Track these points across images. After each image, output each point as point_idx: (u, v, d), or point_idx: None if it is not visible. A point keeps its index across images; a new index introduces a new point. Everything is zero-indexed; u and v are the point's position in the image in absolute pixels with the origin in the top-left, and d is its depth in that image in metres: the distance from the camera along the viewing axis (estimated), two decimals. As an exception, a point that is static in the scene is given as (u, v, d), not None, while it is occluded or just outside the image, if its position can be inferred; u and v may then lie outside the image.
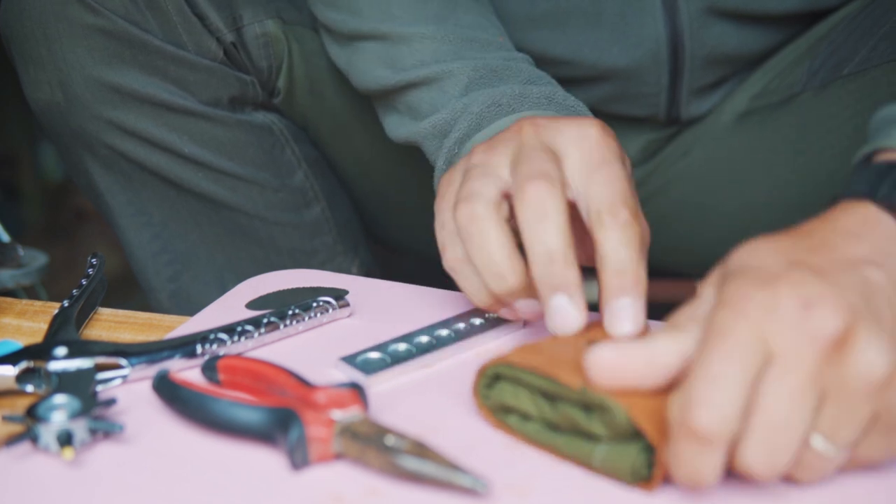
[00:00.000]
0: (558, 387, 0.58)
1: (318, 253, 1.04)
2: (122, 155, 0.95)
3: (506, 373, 0.61)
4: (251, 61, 0.96)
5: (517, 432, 0.61)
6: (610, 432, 0.56)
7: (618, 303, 0.63)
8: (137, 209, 0.99)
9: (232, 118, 0.96)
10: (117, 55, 0.91)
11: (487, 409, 0.62)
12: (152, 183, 0.97)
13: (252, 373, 0.65)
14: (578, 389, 0.56)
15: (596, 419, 0.56)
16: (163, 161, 0.96)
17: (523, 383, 0.60)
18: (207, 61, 0.94)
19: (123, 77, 0.91)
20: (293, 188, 1.01)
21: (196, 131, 0.95)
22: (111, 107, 0.92)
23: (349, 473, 0.58)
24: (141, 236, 1.00)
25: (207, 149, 0.96)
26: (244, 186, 0.99)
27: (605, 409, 0.56)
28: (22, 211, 2.37)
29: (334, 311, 0.75)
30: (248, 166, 0.98)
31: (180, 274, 1.02)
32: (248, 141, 0.98)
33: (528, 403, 0.60)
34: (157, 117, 0.94)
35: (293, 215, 1.02)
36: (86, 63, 0.90)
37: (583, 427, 0.57)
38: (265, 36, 0.96)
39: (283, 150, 1.00)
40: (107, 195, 0.98)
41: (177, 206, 0.99)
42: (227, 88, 0.95)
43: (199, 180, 0.97)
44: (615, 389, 0.55)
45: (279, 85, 0.99)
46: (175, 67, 0.93)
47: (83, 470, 0.59)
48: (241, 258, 1.02)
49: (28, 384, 0.67)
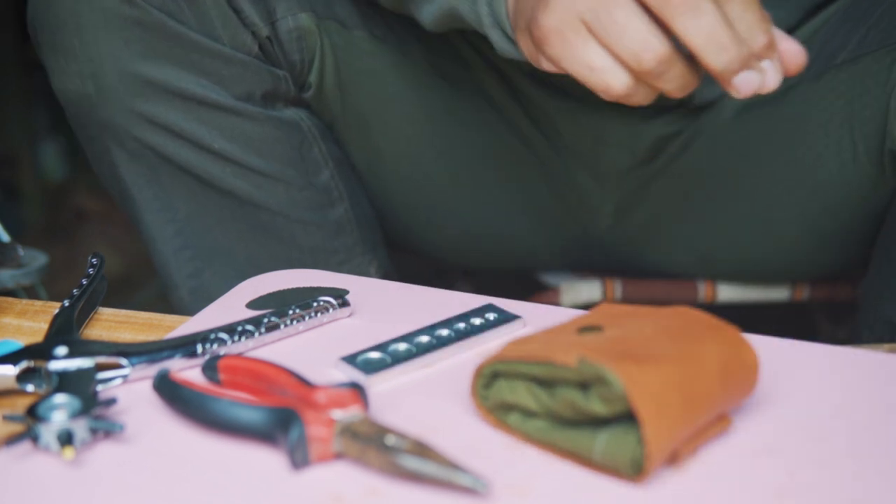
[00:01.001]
0: (554, 368, 0.58)
1: (337, 253, 1.04)
2: (151, 148, 0.94)
3: (502, 369, 0.61)
4: (284, 55, 0.96)
5: (517, 431, 0.61)
6: (609, 408, 0.56)
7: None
8: (163, 204, 0.98)
9: (263, 114, 0.96)
10: (152, 48, 0.90)
11: (486, 410, 0.62)
12: (179, 177, 0.97)
13: (252, 373, 0.65)
14: (575, 363, 0.57)
15: (594, 397, 0.57)
16: (191, 155, 0.95)
17: (520, 375, 0.60)
18: (242, 55, 0.93)
19: (157, 70, 0.90)
20: (319, 187, 1.01)
21: (226, 126, 0.95)
22: (143, 100, 0.91)
23: (349, 473, 0.58)
24: (165, 232, 0.99)
25: (237, 144, 0.96)
26: (270, 183, 0.98)
27: (603, 380, 0.56)
28: (22, 211, 2.37)
29: (334, 311, 0.75)
30: (276, 163, 0.98)
31: (202, 271, 1.01)
32: (277, 137, 0.97)
33: (526, 396, 0.60)
34: (188, 111, 0.93)
35: (317, 214, 1.02)
36: (120, 55, 0.89)
37: (582, 408, 0.57)
38: (298, 30, 0.95)
39: (311, 148, 1.00)
40: (132, 189, 0.98)
41: (202, 202, 0.98)
42: (260, 83, 0.95)
43: (227, 176, 0.97)
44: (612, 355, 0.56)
45: (310, 79, 0.99)
46: (210, 61, 0.92)
47: (83, 470, 0.59)
48: (261, 256, 1.01)
49: (28, 384, 0.67)
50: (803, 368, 0.68)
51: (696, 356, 0.59)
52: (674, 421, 0.56)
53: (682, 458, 0.58)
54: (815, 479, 0.57)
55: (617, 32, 0.68)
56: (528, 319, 0.74)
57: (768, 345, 0.67)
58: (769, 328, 0.74)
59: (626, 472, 0.56)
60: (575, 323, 0.64)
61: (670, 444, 0.57)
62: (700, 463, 0.59)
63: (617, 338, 0.61)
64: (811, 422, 0.62)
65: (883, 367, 0.69)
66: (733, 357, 0.61)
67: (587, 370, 0.57)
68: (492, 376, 0.62)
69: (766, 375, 0.63)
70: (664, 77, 0.70)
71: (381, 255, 1.08)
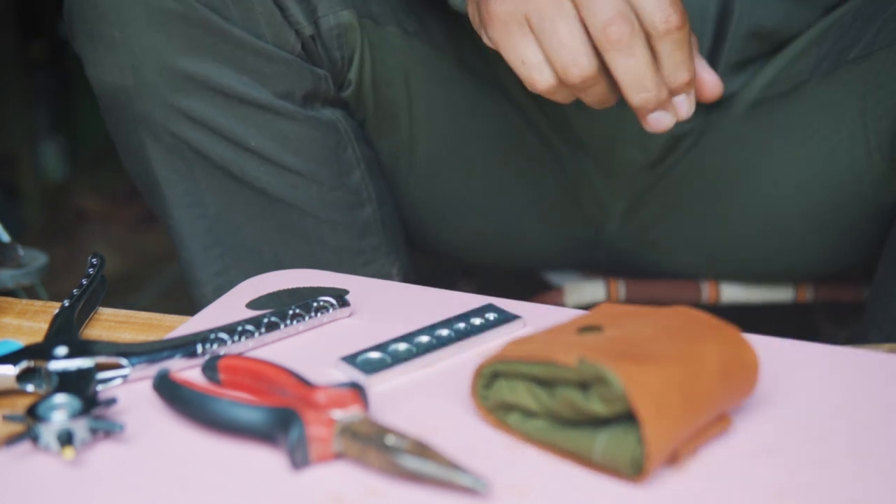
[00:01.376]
0: (555, 368, 0.58)
1: (363, 253, 1.04)
2: (187, 144, 0.94)
3: (502, 369, 0.61)
4: (326, 53, 0.95)
5: (517, 431, 0.61)
6: (609, 408, 0.56)
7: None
8: (194, 200, 0.98)
9: (302, 114, 0.96)
10: (195, 43, 0.89)
11: (486, 410, 0.62)
12: (213, 174, 0.96)
13: (252, 373, 0.65)
14: (575, 363, 0.57)
15: (594, 396, 0.57)
16: (227, 152, 0.95)
17: (520, 375, 0.60)
18: (285, 54, 0.92)
19: (199, 66, 0.90)
20: (350, 188, 1.01)
21: (265, 124, 0.94)
22: (183, 94, 0.91)
23: (349, 473, 0.58)
24: (195, 228, 0.99)
25: (274, 143, 0.95)
26: (304, 183, 0.98)
27: (603, 380, 0.56)
28: (22, 211, 2.37)
29: (334, 311, 0.75)
30: (311, 163, 0.98)
31: (229, 268, 1.01)
32: (314, 137, 0.97)
33: (526, 396, 0.60)
34: (227, 108, 0.92)
35: (346, 215, 1.01)
36: (162, 49, 0.89)
37: (582, 408, 0.57)
38: (339, 27, 0.95)
39: (346, 149, 1.00)
40: (164, 184, 0.97)
41: (234, 199, 0.98)
42: (301, 83, 0.94)
43: (261, 174, 0.96)
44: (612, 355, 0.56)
45: (350, 76, 0.98)
46: (252, 58, 0.91)
47: (83, 470, 0.59)
48: (288, 255, 1.01)
49: (28, 384, 0.67)
50: (803, 368, 0.68)
51: (696, 356, 0.59)
52: (674, 421, 0.56)
53: (682, 458, 0.58)
54: (815, 479, 0.57)
55: (556, 42, 0.75)
56: (528, 319, 0.74)
57: (768, 345, 0.67)
58: (770, 329, 0.74)
59: (626, 472, 0.56)
60: (575, 323, 0.64)
61: (670, 444, 0.57)
62: (700, 463, 0.59)
63: (617, 338, 0.61)
64: (811, 422, 0.62)
65: (883, 367, 0.69)
66: (733, 357, 0.61)
67: (587, 370, 0.57)
68: (492, 376, 0.62)
69: (766, 375, 0.64)
70: (586, 91, 0.78)
71: (403, 256, 1.08)
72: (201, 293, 1.02)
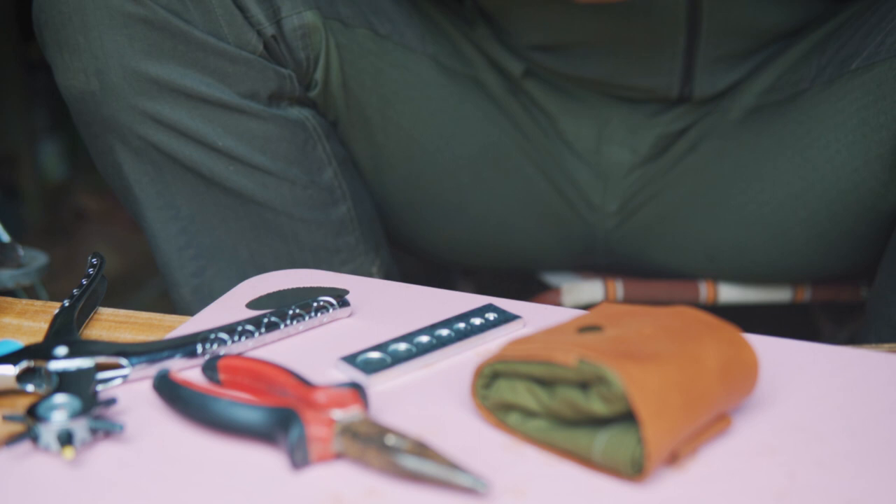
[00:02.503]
0: (555, 368, 0.58)
1: (340, 252, 1.04)
2: (155, 146, 0.94)
3: (502, 369, 0.61)
4: (290, 53, 0.96)
5: (517, 431, 0.61)
6: (609, 407, 0.56)
7: None
8: (166, 202, 0.98)
9: (267, 112, 0.96)
10: (157, 46, 0.90)
11: (486, 410, 0.62)
12: (183, 175, 0.97)
13: (252, 373, 0.65)
14: (575, 363, 0.57)
15: (594, 396, 0.57)
16: (195, 153, 0.95)
17: (520, 375, 0.60)
18: (247, 54, 0.93)
19: (162, 68, 0.91)
20: (322, 186, 1.01)
21: (231, 124, 0.95)
22: (147, 97, 0.91)
23: (349, 473, 0.58)
24: (168, 230, 1.00)
25: (241, 142, 0.96)
26: (274, 182, 0.98)
27: (603, 379, 0.56)
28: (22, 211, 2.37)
29: (334, 311, 0.75)
30: (280, 161, 0.98)
31: (204, 269, 1.01)
32: (281, 136, 0.97)
33: (526, 397, 0.60)
34: (192, 109, 0.93)
35: (319, 213, 1.02)
36: (125, 52, 0.90)
37: (582, 407, 0.57)
38: (304, 27, 0.96)
39: (315, 147, 1.00)
40: (135, 187, 0.98)
41: (205, 200, 0.98)
42: (265, 82, 0.95)
43: (230, 174, 0.97)
44: (612, 355, 0.56)
45: (316, 77, 0.99)
46: (214, 59, 0.92)
47: (83, 470, 0.59)
48: (264, 254, 1.01)
49: (28, 384, 0.67)
50: (803, 368, 0.68)
51: (696, 356, 0.59)
52: (674, 421, 0.56)
53: (681, 458, 0.58)
54: (815, 480, 0.57)
55: None
56: (528, 319, 0.74)
57: (768, 345, 0.67)
58: (769, 329, 0.74)
59: (626, 472, 0.56)
60: (575, 323, 0.64)
61: (670, 444, 0.57)
62: (700, 463, 0.59)
63: (617, 337, 0.61)
64: (811, 422, 0.62)
65: (883, 367, 0.69)
66: (733, 357, 0.61)
67: (587, 370, 0.57)
68: (492, 376, 0.62)
69: (765, 375, 0.64)
70: None
71: (383, 254, 1.08)
72: (179, 295, 1.02)
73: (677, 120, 1.02)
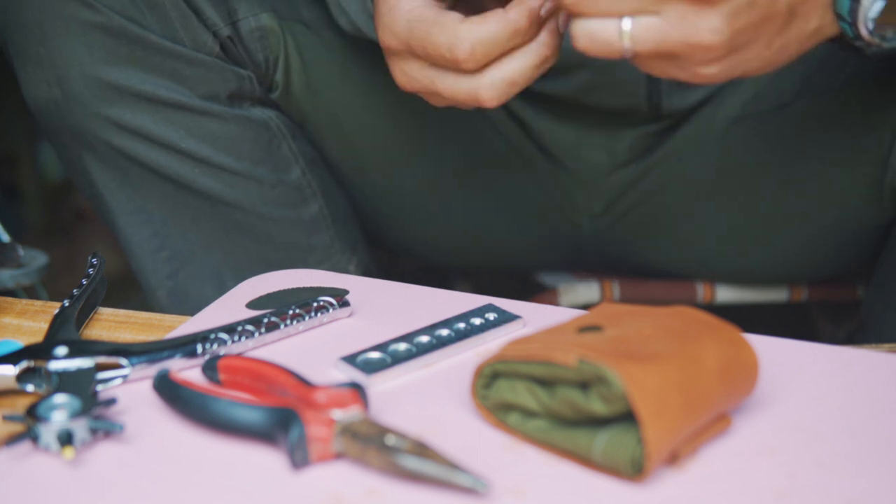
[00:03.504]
0: (554, 368, 0.58)
1: (315, 250, 1.04)
2: (121, 152, 0.95)
3: (501, 369, 0.61)
4: (248, 55, 0.96)
5: (517, 431, 0.61)
6: (609, 407, 0.56)
7: None
8: (136, 206, 0.99)
9: (229, 113, 0.96)
10: (115, 52, 0.91)
11: (486, 410, 0.62)
12: (151, 179, 0.97)
13: (252, 373, 0.65)
14: (575, 363, 0.57)
15: (594, 396, 0.57)
16: (161, 157, 0.96)
17: (520, 375, 0.60)
18: (204, 56, 0.94)
19: (121, 74, 0.91)
20: (290, 184, 1.01)
21: (193, 126, 0.95)
22: (109, 104, 0.92)
23: (349, 473, 0.58)
24: (140, 234, 1.00)
25: (204, 144, 0.96)
26: (241, 182, 0.99)
27: (603, 380, 0.56)
28: (22, 211, 2.37)
29: (334, 311, 0.75)
30: (245, 161, 0.98)
31: (178, 271, 1.02)
32: (244, 136, 0.98)
33: (526, 397, 0.60)
34: (154, 113, 0.94)
35: (290, 212, 1.02)
36: (83, 60, 0.90)
37: (582, 407, 0.57)
38: (260, 29, 0.96)
39: (281, 146, 1.00)
40: (105, 193, 0.98)
41: (175, 203, 0.99)
42: (224, 83, 0.95)
43: (197, 176, 0.97)
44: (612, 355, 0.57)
45: (276, 79, 0.99)
46: (172, 62, 0.93)
47: (83, 470, 0.59)
48: (238, 255, 1.02)
49: (28, 384, 0.67)
50: (803, 368, 0.68)
51: (695, 356, 0.59)
52: (674, 420, 0.56)
53: (682, 458, 0.58)
54: (815, 480, 0.57)
55: None
56: (528, 319, 0.74)
57: (768, 345, 0.67)
58: (767, 328, 0.74)
59: (626, 472, 0.56)
60: (575, 322, 0.64)
61: (670, 444, 0.57)
62: (700, 463, 0.59)
63: (617, 337, 0.61)
64: (811, 422, 0.62)
65: (883, 367, 0.69)
66: (733, 357, 0.61)
67: (587, 370, 0.57)
68: (492, 376, 0.62)
69: (765, 375, 0.64)
70: None
71: (360, 252, 1.08)
72: (155, 298, 1.03)
73: (653, 125, 1.02)
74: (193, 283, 1.02)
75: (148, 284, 1.03)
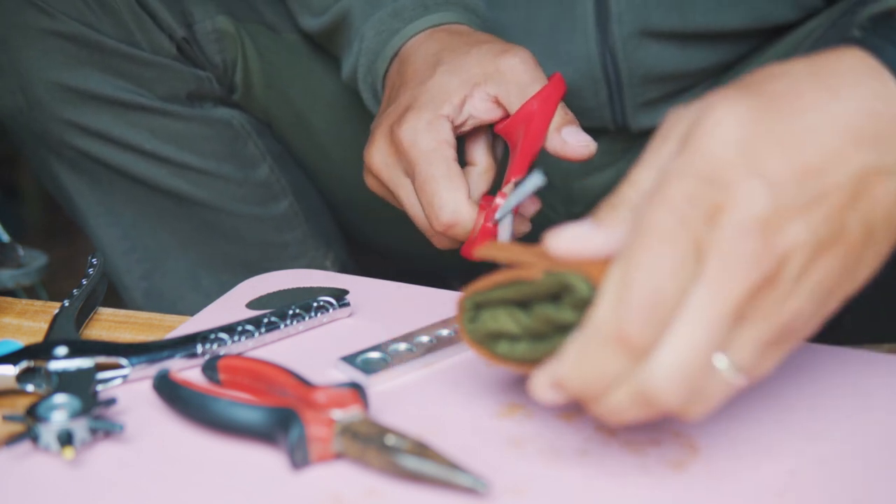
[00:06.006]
0: (523, 286, 0.58)
1: (288, 247, 1.04)
2: (87, 155, 0.96)
3: (480, 299, 0.60)
4: (206, 56, 0.97)
5: (508, 360, 0.59)
6: (578, 314, 0.55)
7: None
8: (106, 209, 1.00)
9: (190, 112, 0.97)
10: (73, 57, 0.92)
11: (476, 343, 0.61)
12: (119, 181, 0.98)
13: (252, 372, 0.65)
14: (540, 276, 0.56)
15: (565, 306, 0.56)
16: (126, 158, 0.97)
17: (498, 301, 0.60)
18: (161, 58, 0.95)
19: (80, 78, 0.92)
20: (258, 182, 1.02)
21: (156, 127, 0.96)
22: (71, 108, 0.93)
23: (349, 473, 0.58)
24: (111, 235, 1.01)
25: (168, 144, 0.97)
26: (207, 180, 0.99)
27: (569, 287, 0.55)
28: (22, 211, 2.37)
29: (334, 310, 0.75)
30: (210, 160, 0.99)
31: (152, 272, 1.02)
32: (207, 135, 0.98)
33: (507, 321, 0.59)
34: (116, 116, 0.95)
35: (259, 209, 1.02)
36: (43, 66, 0.92)
37: (556, 320, 0.57)
38: (217, 32, 0.97)
39: (246, 144, 1.01)
40: (76, 197, 0.99)
41: (144, 204, 1.00)
42: (183, 84, 0.96)
43: (163, 176, 0.98)
44: (573, 262, 0.56)
45: (236, 81, 1.00)
46: (129, 65, 0.94)
47: (83, 470, 0.59)
48: (211, 254, 1.02)
49: (28, 384, 0.67)
50: (804, 368, 0.68)
51: None
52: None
53: (683, 460, 0.58)
54: (815, 479, 0.57)
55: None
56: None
57: (768, 345, 0.67)
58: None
59: None
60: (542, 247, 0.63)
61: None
62: (700, 463, 0.59)
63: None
64: (811, 422, 0.62)
65: (883, 367, 0.69)
66: None
67: (552, 281, 0.56)
68: (475, 309, 0.61)
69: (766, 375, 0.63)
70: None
71: (336, 247, 1.08)
72: (131, 298, 1.04)
73: (623, 137, 1.01)
74: (168, 284, 1.02)
75: (123, 285, 1.03)
